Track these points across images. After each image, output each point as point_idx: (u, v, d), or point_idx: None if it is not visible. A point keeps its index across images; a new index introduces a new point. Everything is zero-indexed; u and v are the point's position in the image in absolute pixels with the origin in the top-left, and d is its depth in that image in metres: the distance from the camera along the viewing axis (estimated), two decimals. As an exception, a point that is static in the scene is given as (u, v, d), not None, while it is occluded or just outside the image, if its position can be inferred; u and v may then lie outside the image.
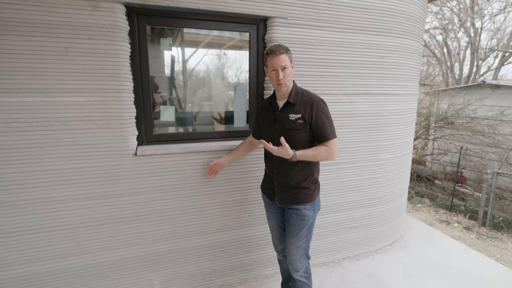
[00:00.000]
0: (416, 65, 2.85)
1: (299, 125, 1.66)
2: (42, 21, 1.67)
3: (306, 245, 1.82)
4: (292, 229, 1.79)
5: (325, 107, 1.71)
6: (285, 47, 1.67)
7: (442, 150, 7.43)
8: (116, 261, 2.05)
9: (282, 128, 1.70)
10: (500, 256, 3.99)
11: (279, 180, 1.78)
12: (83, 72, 1.78)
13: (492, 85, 6.84)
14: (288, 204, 1.77)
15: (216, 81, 6.52)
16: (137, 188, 2.01)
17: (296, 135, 1.67)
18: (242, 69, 5.88)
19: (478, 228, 4.88)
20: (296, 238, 1.78)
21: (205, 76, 6.20)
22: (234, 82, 6.39)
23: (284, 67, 1.64)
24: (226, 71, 6.52)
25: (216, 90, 6.36)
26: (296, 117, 1.67)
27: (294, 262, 1.83)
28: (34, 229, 1.85)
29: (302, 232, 1.77)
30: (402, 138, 2.86)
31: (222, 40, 4.43)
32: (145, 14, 1.93)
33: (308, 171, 1.75)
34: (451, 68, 14.10)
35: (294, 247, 1.80)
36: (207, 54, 5.52)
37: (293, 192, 1.75)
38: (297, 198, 1.75)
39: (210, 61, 5.92)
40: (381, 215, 2.85)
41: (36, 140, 1.76)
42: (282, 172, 1.75)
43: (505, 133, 6.38)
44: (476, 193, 6.20)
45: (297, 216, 1.75)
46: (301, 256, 1.82)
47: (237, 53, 5.71)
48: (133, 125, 1.96)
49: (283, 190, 1.77)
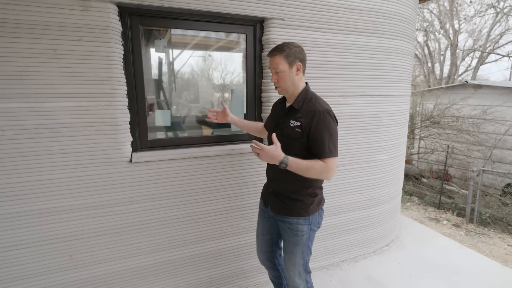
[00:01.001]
0: (408, 66, 2.88)
1: (296, 134, 1.50)
2: (28, 21, 1.56)
3: (303, 262, 1.66)
4: (286, 244, 1.66)
5: (329, 120, 1.47)
6: (285, 47, 1.50)
7: (429, 149, 7.61)
8: (111, 274, 1.95)
9: (281, 133, 1.57)
10: (489, 252, 4.09)
11: (273, 186, 1.67)
12: (73, 75, 1.68)
13: (475, 85, 7.07)
14: (279, 214, 1.63)
15: (203, 82, 6.42)
16: (133, 197, 1.92)
17: (293, 144, 1.52)
18: (234, 71, 5.81)
19: (466, 224, 5.00)
20: (291, 254, 1.64)
21: (192, 78, 6.09)
22: (221, 84, 6.30)
23: (276, 70, 1.51)
24: (211, 73, 6.43)
25: (203, 92, 6.26)
26: (295, 124, 1.50)
27: (292, 279, 1.68)
28: (21, 244, 1.72)
29: (297, 249, 1.61)
30: (397, 138, 2.88)
31: (212, 42, 4.36)
32: (138, 15, 1.85)
33: (305, 182, 1.56)
34: (432, 68, 14.54)
35: (291, 264, 1.66)
36: (206, 54, 5.42)
37: (285, 202, 1.60)
38: (289, 209, 1.59)
39: (198, 63, 5.83)
40: (378, 216, 2.86)
41: (23, 148, 1.64)
42: (276, 178, 1.64)
43: (488, 132, 6.60)
44: (462, 190, 6.37)
45: (290, 230, 1.60)
46: (299, 272, 1.67)
47: (229, 55, 5.64)
48: (127, 131, 1.87)
49: (276, 198, 1.64)
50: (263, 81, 2.20)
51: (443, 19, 12.95)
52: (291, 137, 1.51)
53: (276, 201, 1.65)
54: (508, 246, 4.24)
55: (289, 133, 1.52)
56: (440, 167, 7.25)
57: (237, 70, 5.42)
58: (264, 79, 2.19)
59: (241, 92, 2.30)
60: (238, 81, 5.21)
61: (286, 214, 1.61)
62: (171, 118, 3.36)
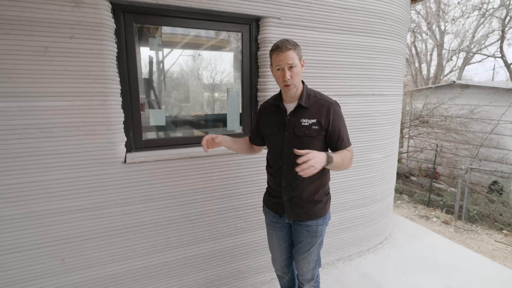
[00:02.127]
0: (401, 66, 2.92)
1: (314, 131, 1.45)
2: (17, 17, 1.50)
3: (317, 258, 1.70)
4: (302, 245, 1.63)
5: (340, 111, 1.52)
6: (293, 42, 1.44)
7: (418, 148, 7.75)
8: (105, 277, 1.90)
9: (293, 135, 1.49)
10: (477, 247, 4.19)
11: (288, 194, 1.57)
12: (65, 74, 1.62)
13: (462, 85, 7.24)
14: (299, 221, 1.60)
15: (193, 82, 6.36)
16: (127, 198, 1.87)
17: (310, 143, 1.47)
18: (224, 70, 5.77)
19: (455, 221, 5.11)
20: (307, 254, 1.64)
21: (182, 77, 6.02)
22: (210, 84, 6.24)
23: (291, 65, 1.41)
24: (201, 72, 6.37)
25: (193, 92, 6.19)
26: (310, 122, 1.46)
27: (305, 274, 1.70)
28: (11, 249, 1.66)
29: (313, 248, 1.62)
30: (390, 137, 2.91)
31: (203, 41, 4.31)
32: (132, 12, 1.80)
33: (320, 182, 1.57)
34: (419, 69, 14.82)
35: (305, 262, 1.67)
36: (196, 54, 5.36)
37: (305, 207, 1.56)
38: (309, 214, 1.57)
39: (187, 62, 5.76)
40: (372, 214, 2.88)
41: (12, 149, 1.58)
42: (292, 185, 1.54)
43: (475, 131, 6.77)
44: (450, 188, 6.51)
45: (308, 233, 1.59)
46: (313, 268, 1.70)
47: (219, 54, 5.60)
48: (121, 131, 1.82)
49: (294, 205, 1.57)
50: (259, 80, 2.18)
51: (430, 20, 13.21)
52: (310, 135, 1.47)
53: (294, 208, 1.58)
54: (495, 242, 4.35)
55: (305, 133, 1.47)
56: (429, 165, 7.40)
57: (227, 70, 5.39)
58: (260, 78, 2.18)
59: (236, 92, 2.28)
60: (228, 81, 5.17)
61: (307, 219, 1.58)
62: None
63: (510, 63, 6.66)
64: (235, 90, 2.31)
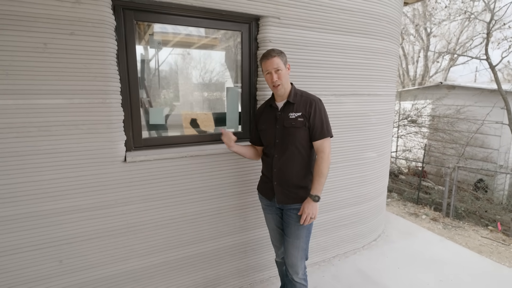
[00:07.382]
0: (394, 67, 2.98)
1: (300, 122, 1.70)
2: (16, 12, 1.46)
3: (306, 246, 1.82)
4: (291, 229, 1.77)
5: (323, 107, 1.76)
6: (278, 50, 1.72)
7: (407, 147, 7.92)
8: (103, 278, 1.87)
9: (282, 126, 1.73)
10: (465, 243, 4.31)
11: (278, 179, 1.77)
12: (64, 71, 1.59)
13: (448, 86, 7.44)
14: (287, 204, 1.77)
15: (184, 80, 6.31)
16: (127, 198, 1.85)
17: (296, 133, 1.71)
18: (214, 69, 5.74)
19: (443, 218, 5.25)
20: (295, 238, 1.77)
21: (174, 76, 5.97)
22: (200, 83, 6.20)
23: (277, 69, 1.68)
24: (191, 71, 6.32)
25: (183, 91, 6.15)
26: (296, 115, 1.72)
27: (294, 264, 1.79)
28: (7, 251, 1.62)
29: (301, 232, 1.76)
30: (384, 136, 2.98)
31: (195, 39, 4.29)
32: (132, 9, 1.79)
33: (307, 169, 1.77)
34: (406, 69, 15.14)
35: (294, 248, 1.78)
36: (185, 52, 5.31)
37: (293, 191, 1.76)
38: (296, 198, 1.75)
39: (177, 61, 5.72)
40: (367, 212, 2.94)
41: (9, 148, 1.54)
42: (282, 171, 1.76)
43: (462, 130, 6.97)
44: (437, 186, 6.68)
45: (296, 215, 1.75)
46: (301, 258, 1.80)
47: (209, 53, 5.57)
48: (121, 129, 1.80)
49: (283, 189, 1.77)
50: (258, 79, 2.19)
51: (417, 22, 13.51)
52: (295, 126, 1.71)
53: (283, 192, 1.77)
54: (482, 237, 4.50)
55: (292, 124, 1.72)
56: (417, 164, 7.57)
57: (216, 69, 5.38)
58: (259, 77, 2.19)
59: (235, 91, 2.29)
60: (218, 80, 5.16)
61: (294, 202, 1.76)
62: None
63: (495, 65, 6.87)
64: (235, 89, 2.31)
